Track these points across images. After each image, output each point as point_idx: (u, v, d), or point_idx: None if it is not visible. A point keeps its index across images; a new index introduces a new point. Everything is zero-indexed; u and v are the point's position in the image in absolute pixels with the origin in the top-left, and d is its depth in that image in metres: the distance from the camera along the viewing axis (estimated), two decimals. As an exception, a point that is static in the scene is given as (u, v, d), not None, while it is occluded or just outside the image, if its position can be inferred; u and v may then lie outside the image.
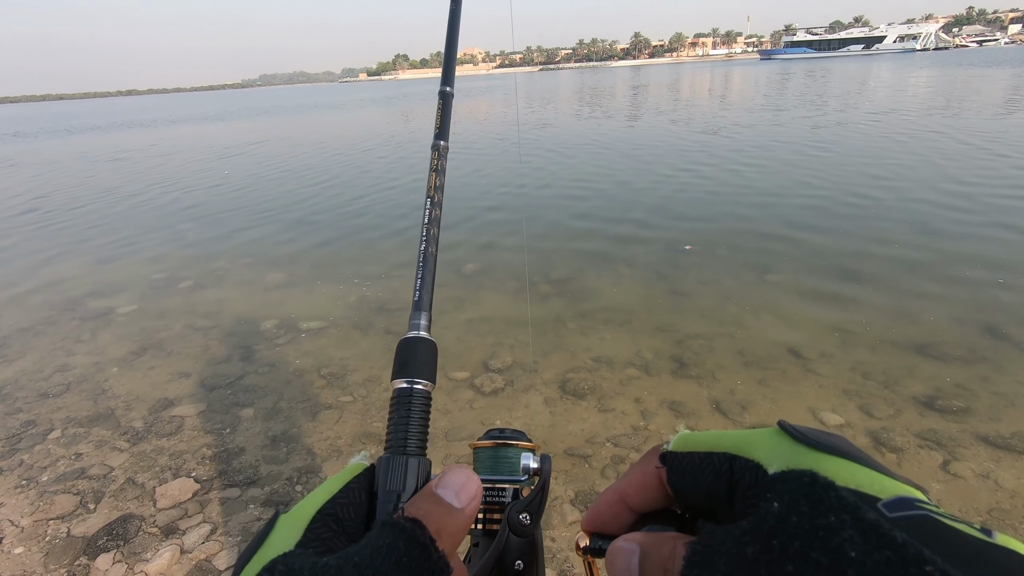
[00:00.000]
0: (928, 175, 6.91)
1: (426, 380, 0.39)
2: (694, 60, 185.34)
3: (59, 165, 13.78)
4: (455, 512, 0.29)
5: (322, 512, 0.30)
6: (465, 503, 0.30)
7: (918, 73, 30.34)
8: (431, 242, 0.43)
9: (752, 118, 13.69)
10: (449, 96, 0.64)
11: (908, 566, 0.20)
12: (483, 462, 0.44)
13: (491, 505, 0.42)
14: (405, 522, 0.27)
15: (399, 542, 0.26)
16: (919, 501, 0.24)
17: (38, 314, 4.36)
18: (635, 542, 0.29)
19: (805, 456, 0.27)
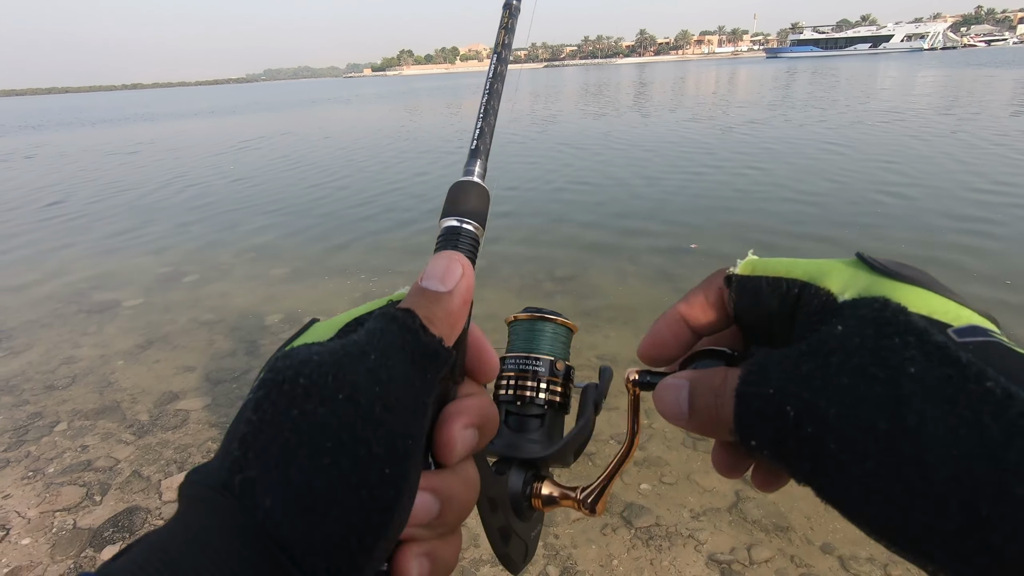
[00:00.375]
0: (950, 174, 6.87)
1: (475, 222, 0.38)
2: (699, 58, 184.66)
3: (70, 158, 13.82)
4: (442, 296, 0.28)
5: (355, 320, 0.30)
6: (451, 285, 0.29)
7: (925, 72, 30.16)
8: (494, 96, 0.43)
9: (761, 116, 13.63)
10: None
11: (968, 382, 0.20)
12: (519, 335, 0.44)
13: (524, 373, 0.42)
14: (396, 311, 0.27)
15: (391, 327, 0.27)
16: (992, 331, 0.23)
17: (45, 306, 4.38)
18: (684, 378, 0.29)
19: (881, 285, 0.26)
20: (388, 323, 0.27)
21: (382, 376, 0.25)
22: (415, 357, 0.26)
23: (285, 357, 0.25)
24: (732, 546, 1.95)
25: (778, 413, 0.23)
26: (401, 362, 0.26)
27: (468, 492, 0.29)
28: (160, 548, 0.20)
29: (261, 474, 0.21)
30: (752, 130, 11.39)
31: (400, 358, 0.26)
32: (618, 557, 1.94)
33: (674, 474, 2.30)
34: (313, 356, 0.24)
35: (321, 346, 0.26)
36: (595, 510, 0.40)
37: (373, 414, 0.24)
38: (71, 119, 31.60)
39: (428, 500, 0.26)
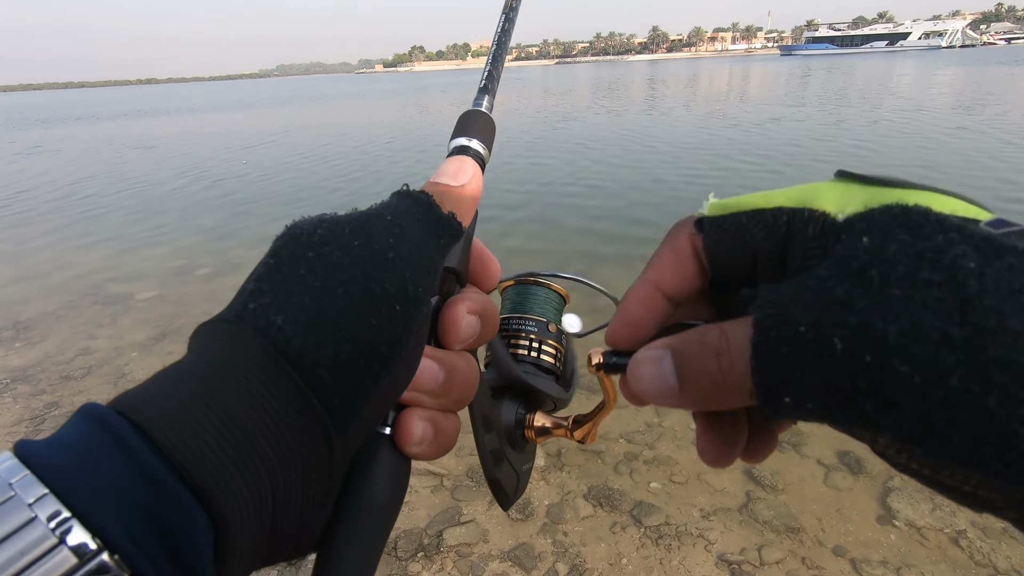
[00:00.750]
0: (987, 172, 6.77)
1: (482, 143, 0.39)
2: (712, 55, 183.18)
3: (92, 152, 13.98)
4: (453, 188, 0.31)
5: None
6: (463, 181, 0.32)
7: (944, 71, 29.70)
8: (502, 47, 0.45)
9: (780, 113, 13.50)
10: None
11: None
12: (510, 299, 0.45)
13: (516, 333, 0.43)
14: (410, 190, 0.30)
15: (406, 200, 0.29)
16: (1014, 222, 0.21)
17: (61, 298, 4.44)
18: (661, 347, 0.24)
19: (886, 194, 0.22)
20: (403, 197, 0.29)
21: (395, 231, 0.27)
22: (427, 224, 0.29)
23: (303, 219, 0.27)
24: (742, 546, 1.94)
25: (820, 351, 0.18)
26: (415, 225, 0.28)
27: (470, 372, 0.30)
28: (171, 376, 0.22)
29: (274, 300, 0.23)
30: (771, 129, 11.28)
31: (414, 224, 0.28)
32: (627, 556, 1.93)
33: (684, 473, 2.29)
34: (328, 215, 0.27)
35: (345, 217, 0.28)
36: (584, 441, 0.41)
37: (387, 258, 0.25)
38: (90, 113, 31.96)
39: (434, 368, 0.28)
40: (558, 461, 2.38)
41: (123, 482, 0.19)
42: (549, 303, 0.45)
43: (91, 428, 0.20)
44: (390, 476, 0.27)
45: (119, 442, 0.19)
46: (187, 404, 0.21)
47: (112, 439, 0.19)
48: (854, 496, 2.12)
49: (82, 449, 0.19)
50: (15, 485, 0.17)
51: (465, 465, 2.37)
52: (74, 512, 0.17)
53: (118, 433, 0.19)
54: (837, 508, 2.07)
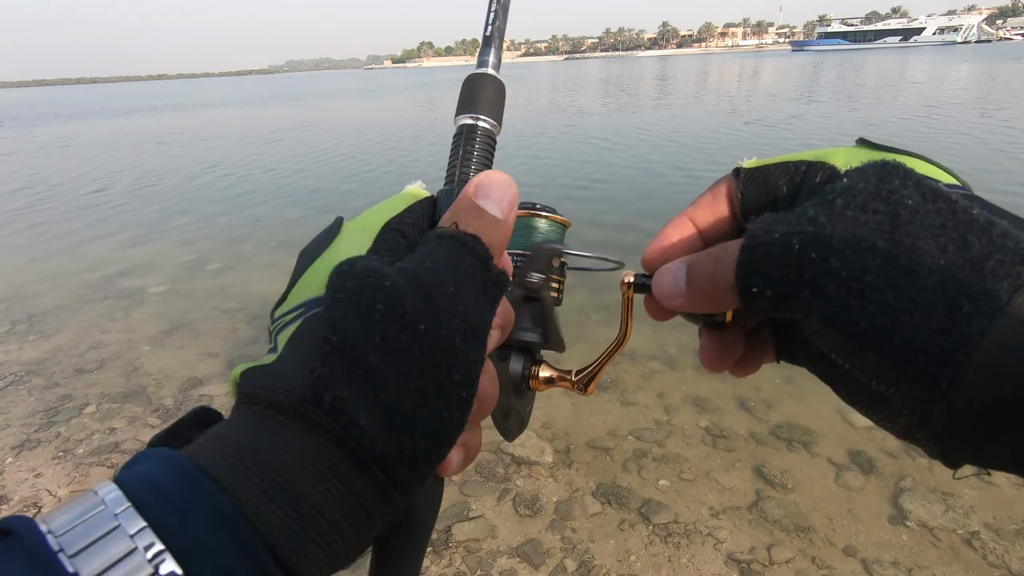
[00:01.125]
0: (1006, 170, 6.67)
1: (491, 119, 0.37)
2: (723, 51, 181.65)
3: (105, 147, 14.11)
4: (499, 224, 0.28)
5: (389, 226, 0.30)
6: (507, 214, 0.29)
7: (961, 67, 29.28)
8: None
9: (797, 110, 13.37)
10: None
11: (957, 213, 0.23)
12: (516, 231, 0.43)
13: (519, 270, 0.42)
14: (462, 235, 0.27)
15: (464, 255, 0.27)
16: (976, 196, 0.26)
17: (74, 292, 4.49)
18: (680, 261, 0.30)
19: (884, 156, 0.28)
20: (459, 250, 0.27)
21: (459, 308, 0.26)
22: (485, 287, 0.27)
23: (350, 275, 0.25)
24: (752, 545, 1.93)
25: (785, 247, 0.24)
26: (474, 292, 0.27)
27: (494, 388, 0.30)
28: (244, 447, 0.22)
29: (352, 395, 0.23)
30: (789, 125, 11.18)
31: (473, 288, 0.27)
32: (635, 553, 1.93)
33: (693, 471, 2.28)
34: (385, 280, 0.24)
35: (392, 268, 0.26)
36: (587, 390, 0.42)
37: (454, 345, 0.25)
38: (103, 109, 32.22)
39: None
40: (566, 458, 2.38)
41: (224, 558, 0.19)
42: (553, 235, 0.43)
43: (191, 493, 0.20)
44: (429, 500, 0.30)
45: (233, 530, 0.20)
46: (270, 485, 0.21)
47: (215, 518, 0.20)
48: (865, 496, 2.11)
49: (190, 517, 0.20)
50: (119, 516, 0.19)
51: (473, 460, 2.37)
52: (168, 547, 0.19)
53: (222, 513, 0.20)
54: (848, 508, 2.06)
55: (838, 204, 0.24)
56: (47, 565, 0.17)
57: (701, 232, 0.32)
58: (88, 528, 0.19)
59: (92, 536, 0.18)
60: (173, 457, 0.21)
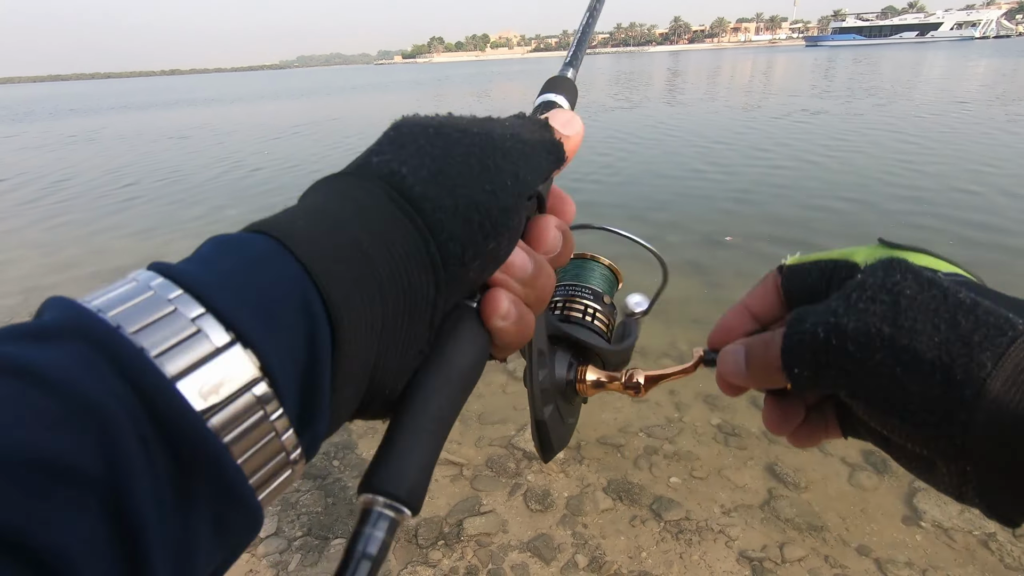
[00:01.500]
0: (985, 170, 6.57)
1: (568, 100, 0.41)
2: (736, 46, 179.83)
3: (127, 141, 14.25)
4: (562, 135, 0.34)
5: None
6: (571, 132, 0.34)
7: (981, 62, 28.78)
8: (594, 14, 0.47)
9: (814, 106, 13.23)
10: None
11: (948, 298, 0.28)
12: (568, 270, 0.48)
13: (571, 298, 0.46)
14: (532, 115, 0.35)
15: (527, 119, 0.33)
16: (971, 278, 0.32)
17: (90, 284, 4.55)
18: (740, 343, 0.35)
19: (894, 253, 0.33)
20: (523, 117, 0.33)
21: (514, 131, 0.30)
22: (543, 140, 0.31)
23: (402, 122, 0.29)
24: (764, 543, 1.93)
25: (813, 337, 0.29)
26: (531, 136, 0.31)
27: (551, 278, 0.32)
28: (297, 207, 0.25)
29: (395, 156, 0.26)
30: (802, 120, 11.06)
31: (531, 134, 0.31)
32: (647, 549, 1.93)
33: (705, 469, 2.27)
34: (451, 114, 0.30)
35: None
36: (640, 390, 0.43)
37: (504, 146, 0.28)
38: (122, 104, 32.51)
39: (525, 258, 0.31)
40: (577, 454, 2.38)
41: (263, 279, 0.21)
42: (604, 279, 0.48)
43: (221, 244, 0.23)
44: (472, 343, 0.29)
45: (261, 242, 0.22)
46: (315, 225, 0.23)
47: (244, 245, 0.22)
48: (879, 496, 2.09)
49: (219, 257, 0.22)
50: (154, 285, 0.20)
51: (485, 455, 2.38)
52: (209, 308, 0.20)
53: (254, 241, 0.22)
54: (861, 508, 2.04)
55: (852, 297, 0.29)
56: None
57: (755, 316, 0.39)
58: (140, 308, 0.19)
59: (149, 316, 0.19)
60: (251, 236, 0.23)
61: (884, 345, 0.27)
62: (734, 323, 0.39)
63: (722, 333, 0.39)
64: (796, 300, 0.37)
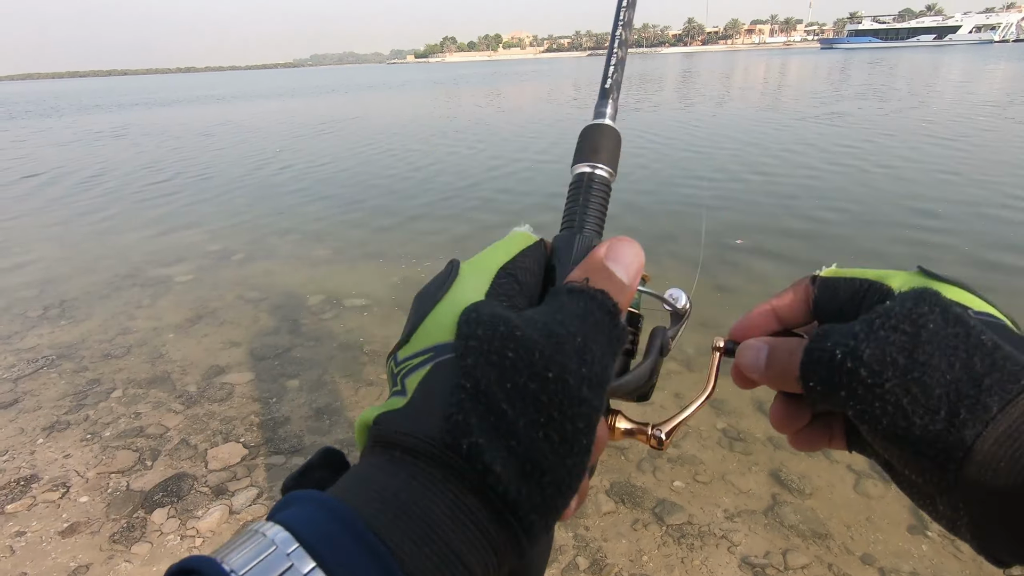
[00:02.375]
0: (1001, 176, 6.48)
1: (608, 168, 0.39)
2: (750, 48, 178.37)
3: (146, 138, 14.42)
4: (624, 288, 0.31)
5: (504, 270, 0.32)
6: (632, 279, 0.31)
7: (995, 65, 28.34)
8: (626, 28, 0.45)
9: (839, 109, 13.11)
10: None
11: (971, 338, 0.27)
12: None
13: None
14: (595, 291, 0.29)
15: (594, 309, 0.28)
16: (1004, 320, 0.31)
17: (103, 279, 4.61)
18: (764, 341, 0.35)
19: (931, 284, 0.33)
20: (589, 304, 0.29)
21: (587, 358, 0.27)
22: (611, 340, 0.28)
23: (479, 323, 0.26)
24: (767, 550, 1.92)
25: (831, 357, 0.29)
26: (601, 345, 0.28)
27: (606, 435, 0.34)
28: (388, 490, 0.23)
29: (487, 442, 0.24)
30: (822, 125, 10.96)
31: (600, 341, 0.28)
32: (648, 553, 1.93)
33: (708, 473, 2.26)
34: (515, 329, 0.26)
35: (521, 317, 0.27)
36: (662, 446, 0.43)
37: (580, 394, 0.26)
38: (144, 100, 32.89)
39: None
40: (581, 456, 2.37)
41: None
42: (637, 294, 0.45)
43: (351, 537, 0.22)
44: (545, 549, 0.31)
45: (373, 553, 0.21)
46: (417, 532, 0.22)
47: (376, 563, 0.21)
48: (885, 504, 2.07)
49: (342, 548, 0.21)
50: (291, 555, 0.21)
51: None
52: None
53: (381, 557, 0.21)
54: (867, 516, 2.03)
55: (876, 324, 0.29)
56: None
57: (780, 319, 0.39)
58: (266, 567, 0.20)
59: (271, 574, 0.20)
60: (327, 500, 0.23)
61: (896, 375, 0.27)
62: (759, 321, 0.39)
63: (746, 328, 0.39)
64: (824, 313, 0.36)
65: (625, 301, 0.31)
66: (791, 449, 2.13)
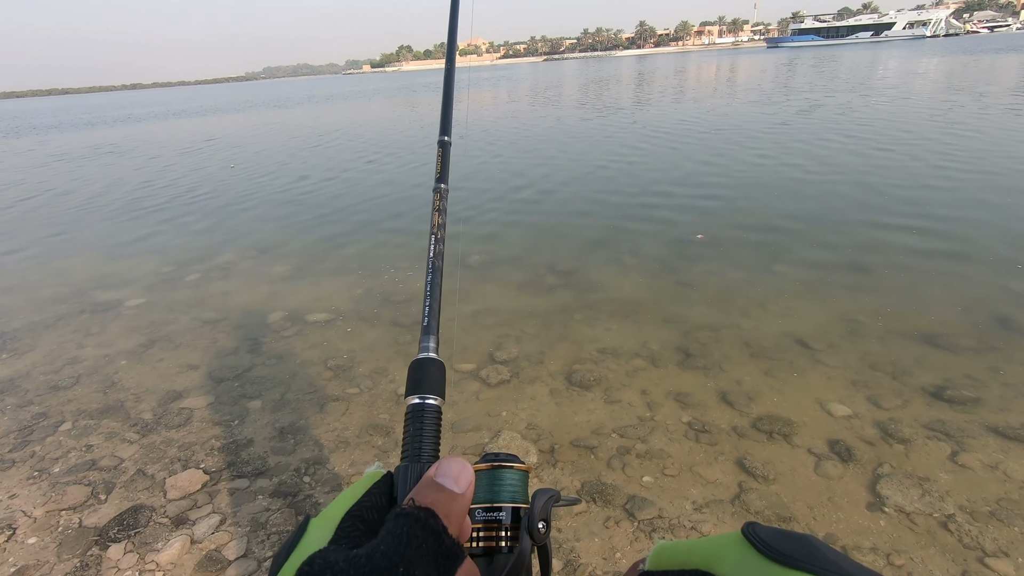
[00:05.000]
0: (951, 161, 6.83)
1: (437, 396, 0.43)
2: (700, 49, 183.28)
3: (123, 157, 13.81)
4: (457, 497, 0.32)
5: (350, 514, 0.34)
6: (464, 488, 0.32)
7: (928, 60, 29.88)
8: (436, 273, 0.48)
9: (768, 107, 13.54)
10: (448, 145, 0.71)
11: None
12: (481, 484, 0.45)
13: (489, 524, 0.43)
14: (418, 511, 0.30)
15: (416, 530, 0.29)
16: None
17: (48, 307, 4.40)
18: None
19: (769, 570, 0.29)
20: (413, 526, 0.29)
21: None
22: (439, 560, 0.29)
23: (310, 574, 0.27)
24: (735, 537, 1.95)
25: None
26: (425, 567, 0.28)
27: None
28: None
29: None
30: (778, 120, 11.31)
31: (426, 564, 0.28)
32: (621, 549, 1.94)
33: (676, 466, 2.30)
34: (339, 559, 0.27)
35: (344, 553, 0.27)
36: None
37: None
38: (101, 118, 31.53)
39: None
40: (551, 457, 2.38)
41: None
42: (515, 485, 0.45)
43: None
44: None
45: None
46: None
47: None
48: (844, 484, 2.14)
49: None
50: None
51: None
52: None
53: None
54: (828, 496, 2.09)
55: None
56: None
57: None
58: None
59: None
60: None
61: None
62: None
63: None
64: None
65: (459, 509, 0.32)
66: (755, 437, 2.19)
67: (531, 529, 0.42)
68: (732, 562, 0.30)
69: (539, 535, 0.42)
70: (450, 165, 0.67)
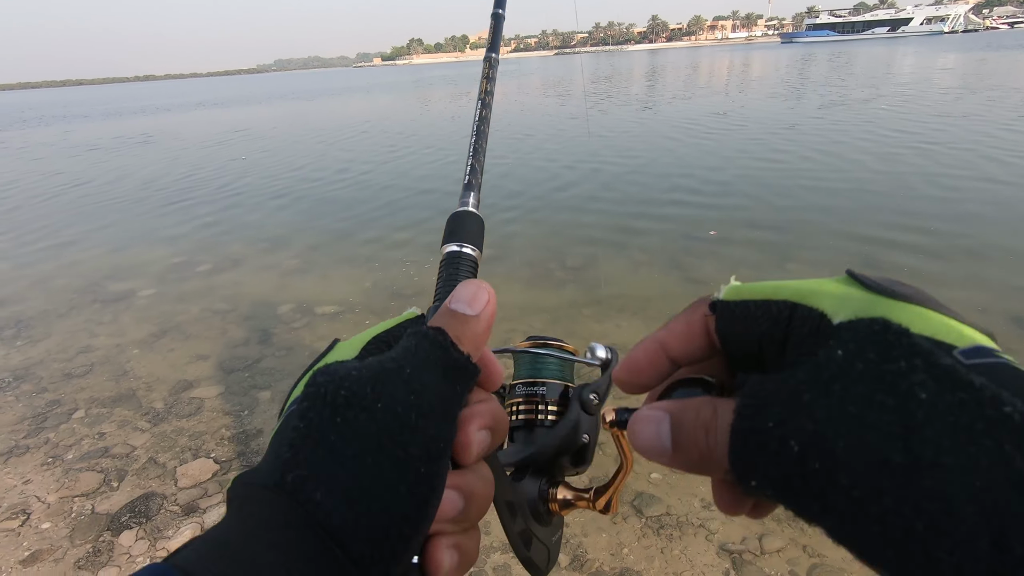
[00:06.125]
0: (977, 158, 6.73)
1: (474, 246, 0.42)
2: (713, 44, 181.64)
3: (154, 148, 13.96)
4: (470, 319, 0.31)
5: (376, 338, 0.33)
6: (478, 309, 0.31)
7: (946, 57, 29.41)
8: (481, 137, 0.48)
9: (774, 102, 13.41)
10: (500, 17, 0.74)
11: (984, 407, 0.19)
12: (524, 364, 0.46)
13: (530, 398, 0.44)
14: (427, 329, 0.30)
15: (424, 344, 0.29)
16: (996, 350, 0.22)
17: (61, 297, 4.45)
18: (662, 410, 0.26)
19: (877, 304, 0.24)
20: (420, 340, 0.29)
21: (416, 387, 0.27)
22: (446, 371, 0.28)
23: (324, 372, 0.27)
24: (743, 536, 1.94)
25: (781, 449, 0.21)
26: (433, 375, 0.28)
27: (486, 488, 0.31)
28: (220, 542, 0.23)
29: (311, 472, 0.24)
30: (786, 119, 11.20)
31: (433, 371, 0.28)
32: (628, 546, 1.94)
33: (685, 463, 2.29)
34: (352, 371, 0.27)
35: (359, 362, 0.28)
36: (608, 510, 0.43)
37: (410, 420, 0.26)
38: (118, 109, 31.85)
39: (454, 497, 0.28)
40: (559, 453, 2.38)
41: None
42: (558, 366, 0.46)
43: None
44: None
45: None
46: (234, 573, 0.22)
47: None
48: (855, 484, 2.12)
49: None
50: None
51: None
52: None
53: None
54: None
55: (836, 392, 0.20)
56: None
57: (672, 358, 0.30)
58: None
59: None
60: (156, 567, 0.22)
61: (896, 485, 0.18)
62: (645, 364, 0.30)
63: (628, 374, 0.31)
64: (737, 347, 0.28)
65: (473, 330, 0.30)
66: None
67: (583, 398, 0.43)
68: (833, 297, 0.25)
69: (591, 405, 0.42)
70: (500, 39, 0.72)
